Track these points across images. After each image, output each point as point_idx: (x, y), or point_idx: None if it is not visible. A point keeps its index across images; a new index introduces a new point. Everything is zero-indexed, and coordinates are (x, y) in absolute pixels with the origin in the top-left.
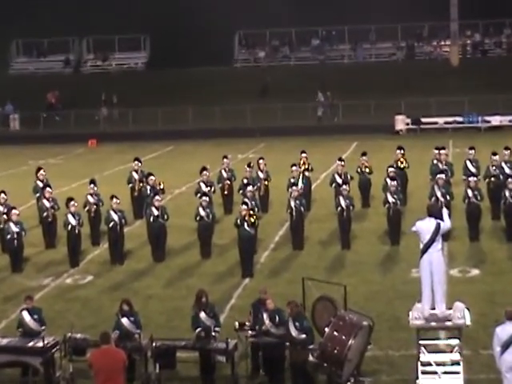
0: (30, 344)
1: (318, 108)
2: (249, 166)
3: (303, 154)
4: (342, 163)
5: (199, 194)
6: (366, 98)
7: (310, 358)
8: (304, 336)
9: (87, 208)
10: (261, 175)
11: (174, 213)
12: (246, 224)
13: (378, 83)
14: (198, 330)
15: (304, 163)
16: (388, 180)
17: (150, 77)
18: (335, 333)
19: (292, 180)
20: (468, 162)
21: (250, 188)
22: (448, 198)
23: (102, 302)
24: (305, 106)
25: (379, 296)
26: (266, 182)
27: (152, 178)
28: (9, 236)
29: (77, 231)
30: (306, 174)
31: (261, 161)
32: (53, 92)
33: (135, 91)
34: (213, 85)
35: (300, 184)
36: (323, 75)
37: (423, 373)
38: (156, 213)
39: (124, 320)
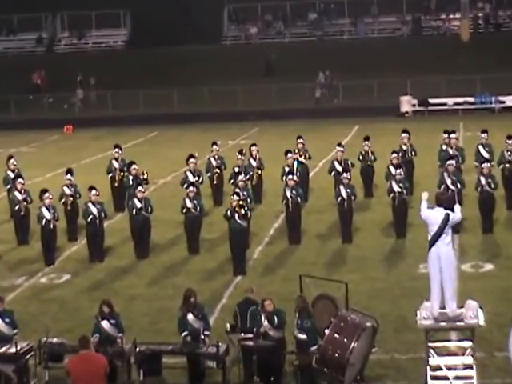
0: (2, 350)
1: (316, 89)
2: (240, 153)
3: (300, 140)
4: (342, 149)
5: (186, 185)
6: (368, 78)
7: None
8: (304, 336)
9: (63, 200)
10: (253, 163)
11: (159, 205)
12: (237, 216)
13: (381, 61)
14: (185, 333)
15: (300, 150)
16: (391, 168)
17: (130, 56)
18: (336, 335)
19: (287, 168)
20: (480, 147)
21: (241, 177)
22: (459, 186)
23: (81, 304)
24: (301, 87)
25: (384, 294)
26: (260, 171)
27: (134, 167)
28: None
29: (52, 226)
30: (303, 161)
31: (253, 147)
32: (38, 72)
33: (114, 72)
34: (200, 64)
35: (296, 172)
36: (321, 53)
37: (433, 378)
38: (139, 205)
39: (104, 323)
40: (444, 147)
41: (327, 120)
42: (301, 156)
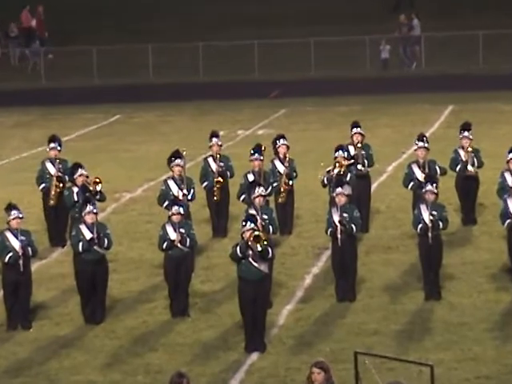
0: None
1: (382, 46)
2: (258, 150)
3: (356, 129)
4: (426, 145)
5: (167, 202)
6: (469, 26)
7: None
8: None
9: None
10: (280, 168)
11: (122, 235)
12: (251, 255)
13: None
14: None
15: (357, 145)
16: (508, 176)
17: None
18: None
19: (333, 174)
20: None
21: (259, 191)
22: None
23: None
24: (358, 42)
25: None
26: (290, 181)
27: (81, 172)
28: None
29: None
30: (361, 168)
31: (281, 142)
32: (27, 10)
33: (54, 16)
34: (190, 3)
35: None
36: None
37: None
38: (89, 235)
39: None
40: None
41: (401, 97)
42: (354, 160)
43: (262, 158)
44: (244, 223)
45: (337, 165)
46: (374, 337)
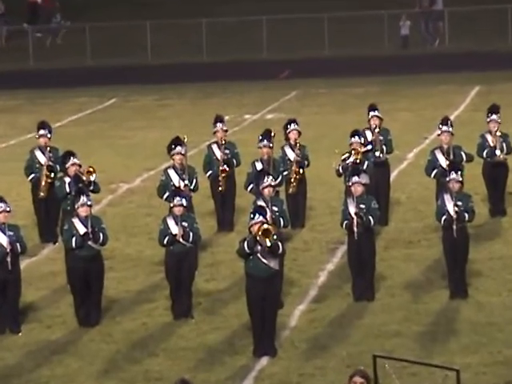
0: None
1: (401, 22)
2: (266, 136)
3: (374, 113)
4: (450, 130)
5: (168, 194)
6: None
7: None
8: None
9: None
10: (291, 155)
11: (119, 230)
12: (260, 250)
13: None
14: None
15: (374, 130)
16: None
17: None
18: None
19: (348, 162)
20: None
21: (269, 181)
22: None
23: None
24: (375, 17)
25: None
26: (301, 170)
27: (74, 161)
28: None
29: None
30: (380, 155)
31: (291, 126)
32: None
33: None
34: None
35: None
36: None
37: None
38: (83, 230)
39: None
40: None
41: (422, 77)
42: (372, 146)
43: (271, 144)
44: (252, 216)
45: (353, 152)
46: (394, 339)
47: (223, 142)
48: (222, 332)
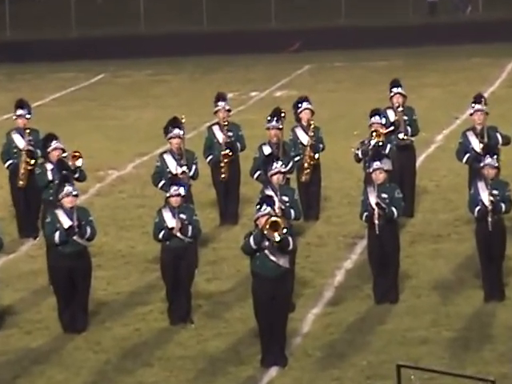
0: None
1: None
2: (275, 117)
3: (396, 89)
4: (483, 108)
5: (163, 182)
6: None
7: None
8: None
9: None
10: (303, 138)
11: (110, 223)
12: (268, 246)
13: None
14: None
15: (397, 109)
16: None
17: None
18: None
19: (369, 145)
20: None
21: (278, 167)
22: None
23: None
24: None
25: None
26: (316, 155)
27: (57, 145)
28: None
29: None
30: (404, 137)
31: (303, 105)
32: None
33: None
34: None
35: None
36: None
37: None
38: (67, 223)
39: None
40: None
41: (452, 49)
42: (395, 127)
43: (280, 126)
44: (259, 207)
45: (374, 134)
46: (421, 346)
47: (226, 123)
48: (225, 339)
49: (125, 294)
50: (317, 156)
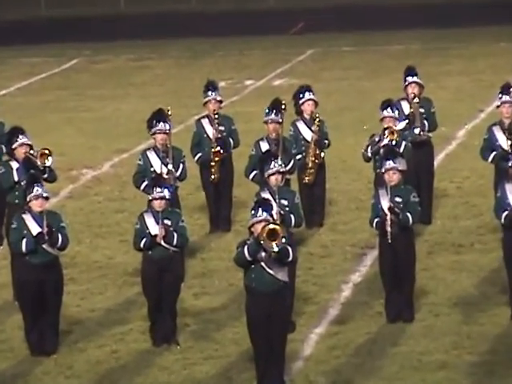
0: None
1: None
2: (274, 109)
3: (412, 78)
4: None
5: (146, 183)
6: None
7: None
8: None
9: None
10: (306, 133)
11: (84, 229)
12: (265, 257)
13: None
14: None
15: (415, 99)
16: None
17: None
18: None
19: (380, 142)
20: None
21: (277, 166)
22: None
23: None
24: None
25: None
26: (320, 152)
27: (23, 140)
28: None
29: None
30: (420, 133)
31: (306, 96)
32: None
33: None
34: None
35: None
36: None
37: None
38: (36, 230)
39: None
40: None
41: (478, 30)
42: (410, 121)
43: (280, 119)
44: (254, 212)
45: (386, 133)
46: (439, 372)
47: (217, 116)
48: (215, 363)
49: (101, 311)
50: (322, 154)
